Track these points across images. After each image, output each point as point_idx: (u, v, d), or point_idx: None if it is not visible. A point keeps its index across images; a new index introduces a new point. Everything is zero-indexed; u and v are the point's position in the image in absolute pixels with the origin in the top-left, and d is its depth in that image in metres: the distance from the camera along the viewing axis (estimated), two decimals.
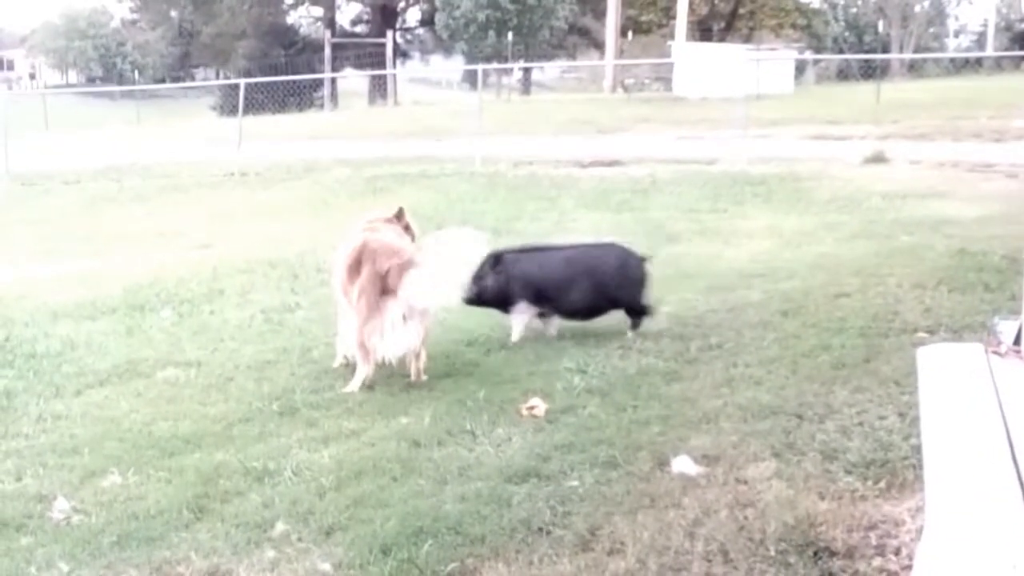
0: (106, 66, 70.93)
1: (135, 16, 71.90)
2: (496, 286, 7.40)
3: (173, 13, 67.72)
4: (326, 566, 4.21)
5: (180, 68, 68.04)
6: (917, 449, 4.26)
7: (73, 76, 77.05)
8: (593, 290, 7.56)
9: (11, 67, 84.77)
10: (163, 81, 57.60)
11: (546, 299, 7.54)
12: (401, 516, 4.56)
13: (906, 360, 5.73)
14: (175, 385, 7.03)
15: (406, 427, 5.77)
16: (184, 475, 5.27)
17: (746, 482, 4.73)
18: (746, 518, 4.34)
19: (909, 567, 3.88)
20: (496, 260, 7.39)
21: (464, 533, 4.39)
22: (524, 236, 12.09)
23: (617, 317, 7.72)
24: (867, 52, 45.11)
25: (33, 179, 21.44)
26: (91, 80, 71.35)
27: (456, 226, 7.35)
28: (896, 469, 4.72)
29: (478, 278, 7.22)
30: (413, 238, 7.26)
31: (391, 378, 6.78)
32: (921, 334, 6.92)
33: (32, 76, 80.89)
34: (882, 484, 4.60)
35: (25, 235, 14.95)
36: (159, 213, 16.43)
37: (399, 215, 7.36)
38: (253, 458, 5.42)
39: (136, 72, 64.75)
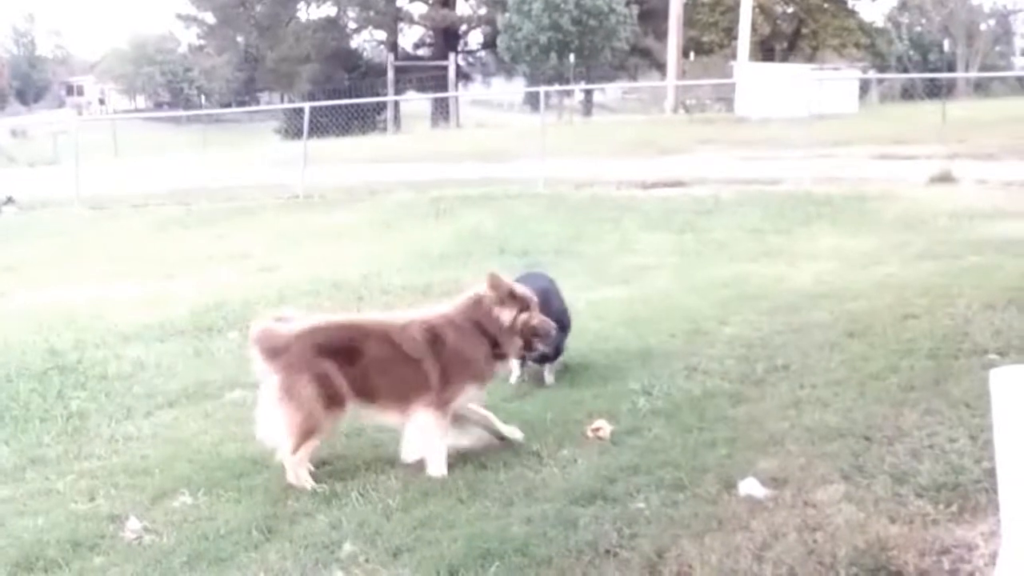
0: (173, 91, 72.07)
1: (202, 42, 73.05)
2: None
3: (239, 39, 68.74)
4: None
5: (245, 92, 68.94)
6: (989, 472, 4.20)
7: (141, 101, 78.33)
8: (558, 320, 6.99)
9: (81, 92, 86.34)
10: (229, 105, 58.31)
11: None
12: (468, 538, 4.57)
13: (976, 382, 5.66)
14: (243, 406, 7.07)
15: (472, 449, 5.78)
16: (253, 496, 5.32)
17: (815, 505, 4.68)
18: (815, 541, 4.29)
19: None
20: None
21: (530, 555, 4.38)
22: (586, 257, 12.12)
23: (678, 338, 7.69)
24: (932, 71, 44.65)
25: (103, 203, 21.78)
26: (159, 105, 72.51)
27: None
28: (968, 492, 4.65)
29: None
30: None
31: None
32: (991, 356, 6.82)
33: (102, 101, 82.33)
34: (954, 508, 4.54)
35: (96, 258, 15.18)
36: (225, 236, 16.61)
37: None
38: (320, 479, 5.45)
39: (202, 97, 65.81)
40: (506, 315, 5.76)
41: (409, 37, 68.22)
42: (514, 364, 7.17)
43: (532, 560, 4.34)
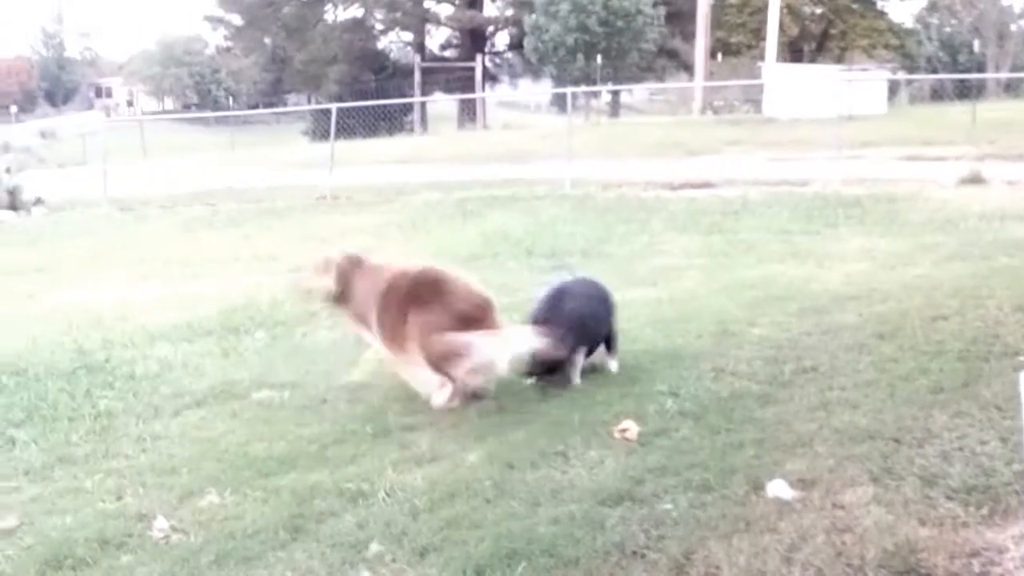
0: (201, 92, 72.53)
1: (229, 44, 73.45)
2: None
3: (266, 40, 69.04)
4: None
5: (273, 94, 69.27)
6: (1020, 475, 4.18)
7: (169, 103, 78.82)
8: (605, 325, 7.41)
9: (109, 94, 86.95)
10: (256, 107, 58.59)
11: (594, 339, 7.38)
12: (494, 538, 4.56)
13: (1007, 384, 5.62)
14: (270, 407, 7.11)
15: (499, 449, 5.77)
16: (280, 495, 5.33)
17: (843, 507, 4.65)
18: (844, 543, 4.27)
19: None
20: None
21: (558, 556, 4.37)
22: (613, 259, 12.09)
23: (705, 340, 7.67)
24: (961, 72, 44.36)
25: (131, 204, 21.92)
26: (186, 106, 72.98)
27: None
28: (999, 495, 4.61)
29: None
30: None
31: (484, 400, 6.80)
32: (1023, 358, 6.77)
33: (130, 103, 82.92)
34: (984, 510, 4.50)
35: (124, 259, 15.26)
36: (253, 237, 16.68)
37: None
38: (347, 479, 5.46)
39: (230, 98, 66.14)
40: None
41: (436, 38, 68.45)
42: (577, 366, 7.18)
43: (559, 561, 4.33)
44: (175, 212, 20.67)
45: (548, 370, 7.07)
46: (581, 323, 7.16)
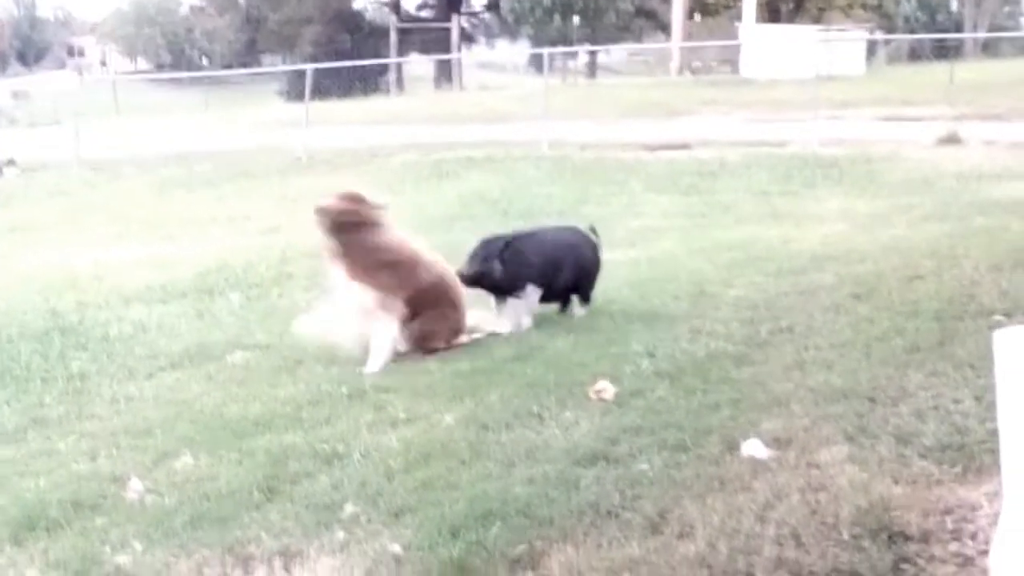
0: (175, 53, 71.92)
1: (203, 3, 72.69)
2: (505, 269, 7.35)
3: (241, 0, 68.32)
4: (395, 547, 4.21)
5: (247, 54, 68.72)
6: (994, 433, 4.17)
7: (142, 63, 78.12)
8: (573, 274, 7.70)
9: (82, 54, 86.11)
10: (230, 67, 58.13)
11: (545, 283, 7.57)
12: (469, 499, 4.55)
13: (982, 343, 5.62)
14: (245, 368, 7.08)
15: (474, 410, 5.76)
16: (255, 457, 5.31)
17: (818, 466, 4.66)
18: (818, 502, 4.28)
19: (986, 552, 3.81)
20: (506, 244, 7.36)
21: (532, 516, 4.37)
22: (591, 220, 12.05)
23: (682, 301, 7.67)
24: (939, 32, 44.35)
25: (104, 165, 21.74)
26: (160, 67, 72.28)
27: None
28: (972, 453, 4.63)
29: (483, 260, 7.31)
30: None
31: (459, 362, 6.79)
32: (998, 317, 6.78)
33: (103, 63, 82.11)
34: (958, 468, 4.51)
35: (97, 220, 15.16)
36: (228, 198, 16.59)
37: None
38: (322, 440, 5.44)
39: (204, 58, 65.55)
40: None
41: None
42: (522, 308, 7.31)
43: (534, 521, 4.33)
44: (149, 173, 20.50)
45: (476, 283, 7.40)
46: (532, 262, 7.44)
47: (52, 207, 16.90)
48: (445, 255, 7.54)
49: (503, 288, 7.42)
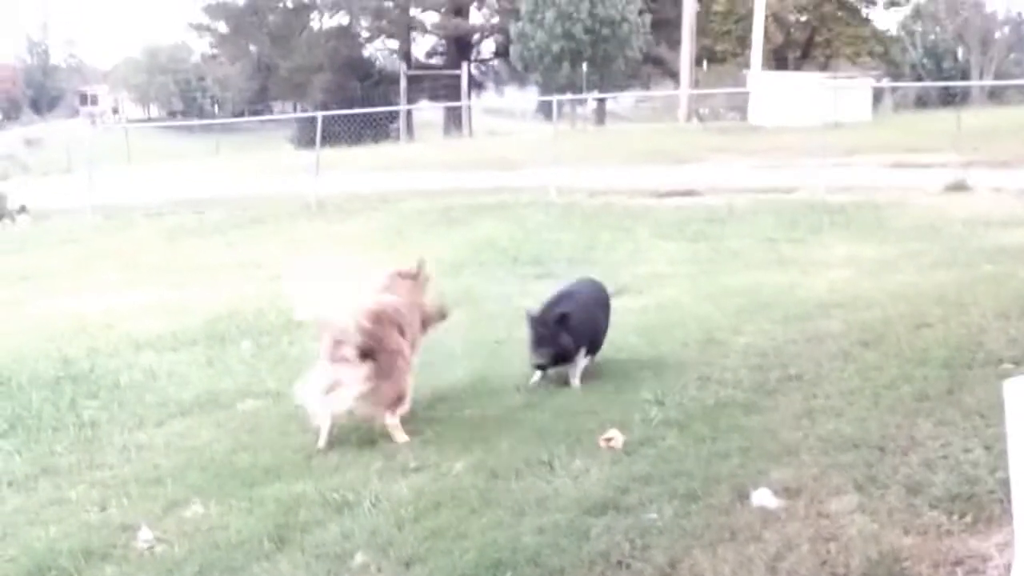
0: (186, 100, 72.35)
1: (215, 51, 73.15)
2: (567, 343, 7.19)
3: (252, 48, 68.77)
4: None
5: (258, 101, 69.13)
6: (1004, 483, 4.18)
7: (154, 110, 78.60)
8: (605, 324, 7.69)
9: (95, 102, 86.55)
10: (242, 114, 58.57)
11: (591, 342, 7.50)
12: (480, 548, 4.56)
13: (991, 392, 5.62)
14: (255, 416, 7.10)
15: (484, 458, 5.77)
16: (265, 505, 5.32)
17: (828, 516, 4.66)
18: (828, 552, 4.27)
19: None
20: (561, 318, 7.16)
21: (543, 565, 4.37)
22: (599, 266, 12.09)
23: (691, 348, 7.67)
24: (946, 79, 44.48)
25: (116, 211, 21.83)
26: (172, 114, 72.75)
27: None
28: (983, 503, 4.62)
29: (551, 340, 7.12)
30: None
31: (469, 410, 6.80)
32: (1007, 365, 6.78)
33: (115, 111, 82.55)
34: (968, 519, 4.51)
35: (108, 266, 15.21)
36: (238, 244, 16.63)
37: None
38: (332, 489, 5.45)
39: (216, 106, 66.02)
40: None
41: (422, 46, 68.25)
42: (577, 369, 7.26)
43: (544, 570, 4.33)
44: (160, 220, 20.60)
45: (553, 362, 7.21)
46: (583, 328, 7.28)
47: (64, 254, 16.97)
48: (455, 301, 7.56)
49: (567, 359, 7.28)
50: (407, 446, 6.12)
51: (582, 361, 7.39)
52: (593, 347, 7.50)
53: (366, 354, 6.24)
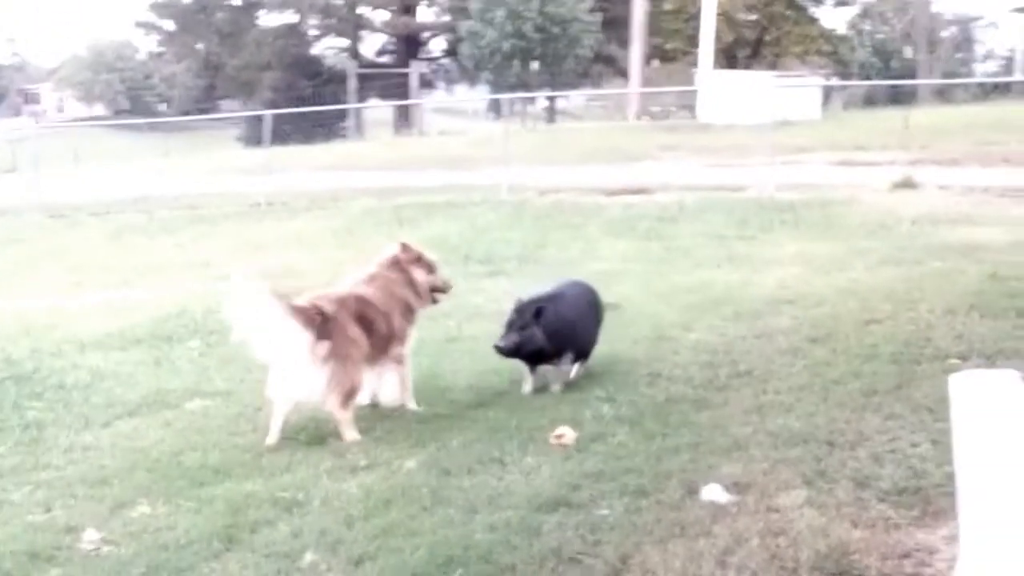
0: (133, 98, 71.60)
1: (161, 49, 72.46)
2: (543, 337, 6.97)
3: (199, 46, 68.19)
4: None
5: (206, 100, 68.43)
6: (951, 476, 4.20)
7: (100, 109, 77.73)
8: (595, 330, 7.56)
9: (37, 100, 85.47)
10: (189, 113, 57.96)
11: (581, 347, 7.39)
12: (431, 545, 4.54)
13: (938, 387, 5.66)
14: (204, 415, 7.04)
15: (435, 455, 5.75)
16: (213, 505, 5.27)
17: (777, 510, 4.68)
18: (778, 546, 4.30)
19: None
20: (538, 311, 6.99)
21: (494, 563, 4.36)
22: (550, 264, 12.10)
23: (642, 345, 7.68)
24: (894, 78, 44.94)
25: (62, 211, 21.56)
26: (118, 113, 71.92)
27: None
28: (930, 497, 4.68)
29: (520, 328, 6.95)
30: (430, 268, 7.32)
31: (420, 407, 6.78)
32: (953, 360, 6.85)
33: (59, 109, 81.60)
34: (916, 512, 4.56)
35: (54, 266, 15.02)
36: (187, 244, 16.48)
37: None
38: (282, 488, 5.41)
39: (163, 104, 65.32)
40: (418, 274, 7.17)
41: (371, 44, 67.88)
42: (561, 374, 7.17)
43: (496, 567, 4.32)
44: (107, 219, 20.36)
45: (516, 352, 7.03)
46: (565, 328, 7.13)
47: (8, 254, 16.73)
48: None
49: (534, 355, 7.08)
50: (357, 444, 6.10)
51: (568, 367, 7.29)
52: (580, 354, 7.37)
53: (322, 335, 6.21)
